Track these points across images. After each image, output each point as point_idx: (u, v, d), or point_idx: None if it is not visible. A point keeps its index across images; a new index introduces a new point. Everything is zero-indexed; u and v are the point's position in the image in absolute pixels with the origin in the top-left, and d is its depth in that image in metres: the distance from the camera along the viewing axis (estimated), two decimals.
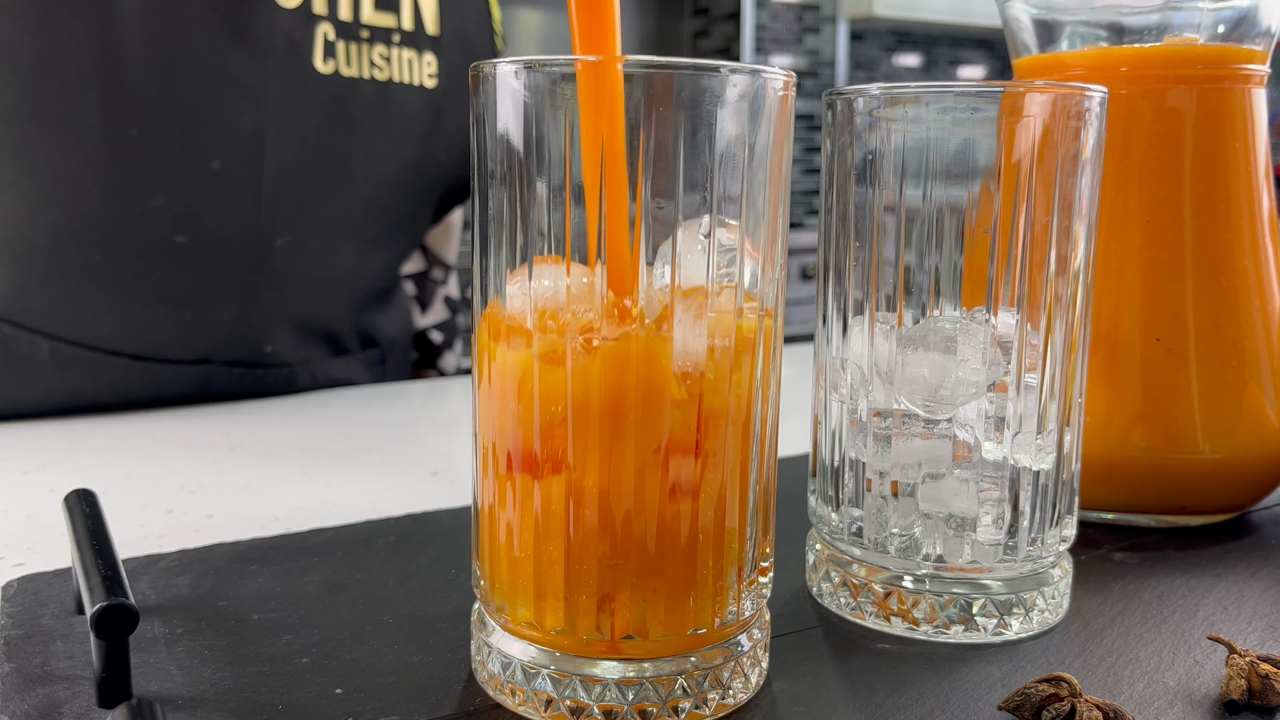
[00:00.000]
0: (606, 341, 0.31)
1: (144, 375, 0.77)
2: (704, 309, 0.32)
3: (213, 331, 0.79)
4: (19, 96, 0.68)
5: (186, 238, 0.75)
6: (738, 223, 0.32)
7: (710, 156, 0.31)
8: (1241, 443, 0.50)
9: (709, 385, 0.32)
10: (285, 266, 0.80)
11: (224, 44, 0.73)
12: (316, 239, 0.82)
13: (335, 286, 0.86)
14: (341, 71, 0.79)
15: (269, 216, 0.78)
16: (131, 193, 0.72)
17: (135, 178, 0.72)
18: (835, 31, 3.67)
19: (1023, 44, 0.54)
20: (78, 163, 0.71)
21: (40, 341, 0.74)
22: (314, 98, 0.78)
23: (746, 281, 0.33)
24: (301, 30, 0.76)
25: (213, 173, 0.74)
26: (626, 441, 0.32)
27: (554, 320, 0.32)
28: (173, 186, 0.73)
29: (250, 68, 0.74)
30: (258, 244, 0.78)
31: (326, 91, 0.78)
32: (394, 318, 0.94)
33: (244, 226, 0.77)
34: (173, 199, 0.74)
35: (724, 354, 0.32)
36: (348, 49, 0.79)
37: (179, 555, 0.46)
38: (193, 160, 0.74)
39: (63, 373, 0.75)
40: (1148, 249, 0.50)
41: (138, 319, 0.76)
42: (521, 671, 0.34)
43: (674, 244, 0.31)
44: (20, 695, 0.35)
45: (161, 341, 0.77)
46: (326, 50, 0.77)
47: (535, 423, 0.32)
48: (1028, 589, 0.40)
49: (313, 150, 0.79)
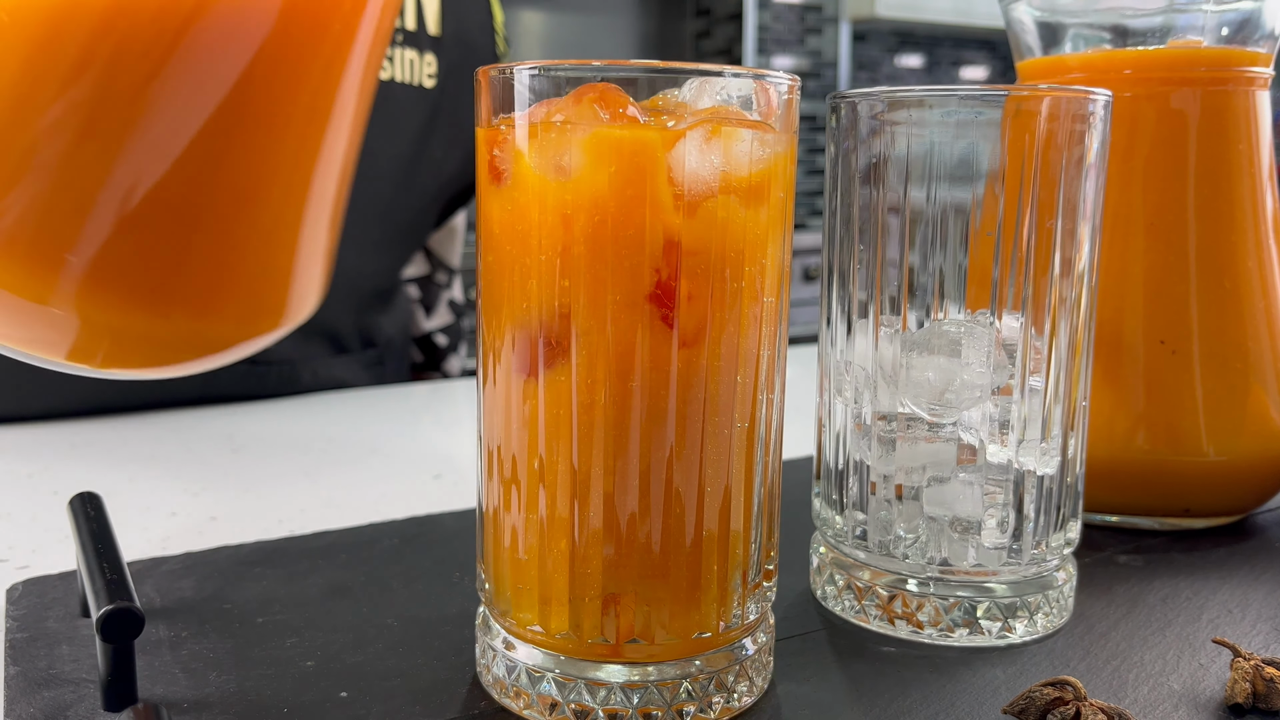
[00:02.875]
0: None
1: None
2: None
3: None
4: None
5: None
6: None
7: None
8: (1245, 445, 0.50)
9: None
10: None
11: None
12: None
13: (338, 285, 0.86)
14: None
15: None
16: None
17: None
18: (837, 32, 3.67)
19: (1026, 46, 0.54)
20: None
21: None
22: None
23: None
24: None
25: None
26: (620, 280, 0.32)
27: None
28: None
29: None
30: None
31: None
32: (394, 319, 0.95)
33: None
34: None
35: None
36: None
37: (183, 558, 0.46)
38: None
39: (68, 376, 0.75)
40: (1152, 251, 0.50)
41: None
42: (526, 675, 0.34)
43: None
44: (25, 698, 0.35)
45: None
46: None
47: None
48: (1032, 592, 0.40)
49: None
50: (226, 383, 0.81)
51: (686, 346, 0.32)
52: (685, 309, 0.32)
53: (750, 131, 0.33)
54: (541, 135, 0.32)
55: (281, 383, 0.85)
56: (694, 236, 0.32)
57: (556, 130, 0.32)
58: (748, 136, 0.32)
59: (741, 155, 0.32)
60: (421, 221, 0.93)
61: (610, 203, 0.31)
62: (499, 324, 0.34)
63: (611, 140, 0.31)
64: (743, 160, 0.32)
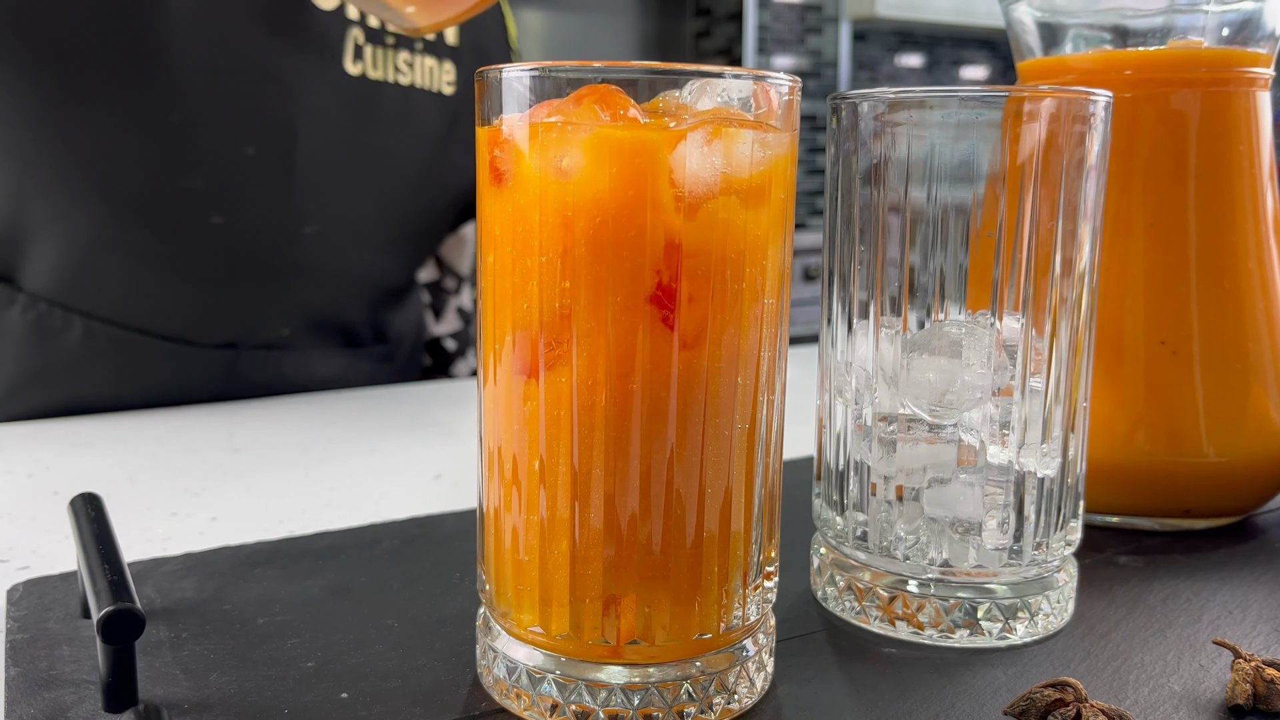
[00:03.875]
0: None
1: (171, 361, 0.80)
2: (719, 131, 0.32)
3: (239, 314, 0.82)
4: (64, 81, 0.71)
5: (222, 219, 0.78)
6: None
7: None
8: (1246, 446, 0.50)
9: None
10: (312, 255, 0.84)
11: (264, 37, 0.77)
12: (342, 231, 0.86)
13: (356, 280, 0.90)
14: (368, 74, 0.83)
15: (299, 204, 0.81)
16: (171, 174, 0.76)
17: (175, 160, 0.76)
18: (838, 32, 3.67)
19: (1027, 46, 0.54)
20: (120, 145, 0.74)
21: (74, 320, 0.76)
22: (343, 96, 0.82)
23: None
24: (335, 31, 0.81)
25: (248, 158, 0.78)
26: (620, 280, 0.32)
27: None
28: (210, 169, 0.77)
29: (287, 61, 0.78)
30: (287, 230, 0.82)
31: (354, 91, 0.82)
32: (406, 317, 0.98)
33: (275, 212, 0.81)
34: (210, 181, 0.77)
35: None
36: (374, 53, 0.83)
37: (183, 559, 0.46)
38: (229, 145, 0.77)
39: (91, 356, 0.77)
40: (1152, 252, 0.50)
41: (170, 297, 0.79)
42: (527, 676, 0.34)
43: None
44: (26, 700, 0.35)
45: (190, 322, 0.80)
46: (356, 53, 0.82)
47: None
48: (1033, 593, 0.40)
49: (340, 144, 0.83)
50: (248, 370, 0.83)
51: (687, 348, 0.32)
52: (686, 310, 0.32)
53: (751, 132, 0.33)
54: (542, 136, 0.32)
55: (299, 374, 0.87)
56: (695, 238, 0.32)
57: (557, 131, 0.32)
58: (748, 138, 0.32)
59: (742, 156, 0.32)
60: (438, 224, 0.96)
61: (611, 204, 0.31)
62: (500, 325, 0.34)
63: (612, 141, 0.31)
64: (743, 161, 0.32)
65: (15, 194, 0.74)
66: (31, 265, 0.76)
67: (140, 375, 0.79)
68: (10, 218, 0.75)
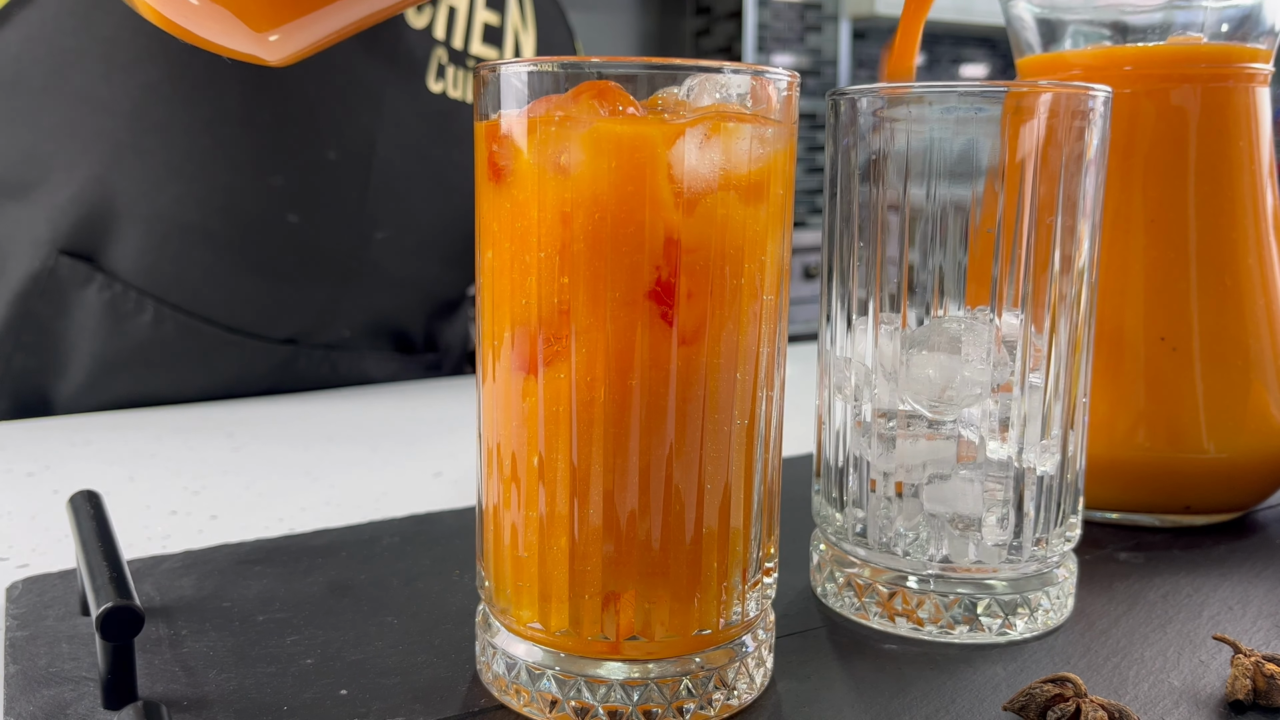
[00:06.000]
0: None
1: (233, 353, 0.81)
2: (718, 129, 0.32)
3: (305, 311, 0.84)
4: (166, 75, 0.74)
5: (298, 217, 0.80)
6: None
7: None
8: (1246, 442, 0.50)
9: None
10: (379, 260, 0.86)
11: (357, 48, 0.79)
12: (410, 240, 0.88)
13: (417, 288, 0.93)
14: (449, 93, 0.86)
15: (372, 210, 0.84)
16: (255, 170, 0.78)
17: (261, 157, 0.78)
18: (837, 30, 3.67)
19: (1026, 43, 0.54)
20: (211, 139, 0.76)
21: (147, 304, 0.78)
22: (423, 111, 0.85)
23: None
24: (422, 49, 0.84)
25: (328, 162, 0.81)
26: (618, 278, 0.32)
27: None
28: (292, 169, 0.79)
29: (375, 73, 0.81)
30: (359, 234, 0.84)
31: (434, 108, 0.85)
32: (455, 328, 1.01)
33: (349, 215, 0.83)
34: (290, 180, 0.79)
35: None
36: (456, 74, 0.87)
37: (183, 556, 0.46)
38: (312, 148, 0.80)
39: (157, 342, 0.78)
40: (1152, 248, 0.50)
41: (240, 289, 0.81)
42: (526, 672, 0.34)
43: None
44: (25, 697, 0.35)
45: (256, 315, 0.82)
46: (439, 72, 0.85)
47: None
48: (1032, 589, 0.40)
49: (416, 157, 0.86)
50: (306, 367, 0.85)
51: (686, 344, 0.32)
52: (685, 306, 0.32)
53: (750, 128, 0.33)
54: (541, 132, 0.32)
55: (350, 372, 0.89)
56: (694, 234, 0.32)
57: (556, 126, 0.32)
58: (747, 133, 0.32)
59: (741, 152, 0.32)
60: None
61: (610, 200, 0.31)
62: (498, 321, 0.34)
63: (611, 136, 0.31)
64: (742, 157, 0.32)
65: (105, 177, 0.75)
66: (113, 248, 0.77)
67: (200, 366, 0.81)
68: (99, 200, 0.76)
